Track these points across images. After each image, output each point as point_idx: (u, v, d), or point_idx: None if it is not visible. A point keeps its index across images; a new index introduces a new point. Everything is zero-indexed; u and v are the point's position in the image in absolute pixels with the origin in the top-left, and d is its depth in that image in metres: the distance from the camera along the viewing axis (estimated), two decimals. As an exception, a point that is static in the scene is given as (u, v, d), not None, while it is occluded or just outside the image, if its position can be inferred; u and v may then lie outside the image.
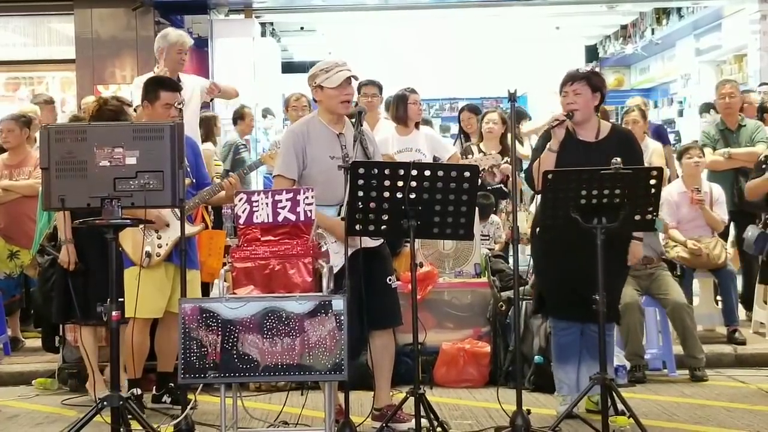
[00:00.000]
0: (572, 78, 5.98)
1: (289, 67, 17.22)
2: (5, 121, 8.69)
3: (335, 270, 5.60)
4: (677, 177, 8.63)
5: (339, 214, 5.61)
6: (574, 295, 5.73)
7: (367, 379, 6.41)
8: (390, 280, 5.92)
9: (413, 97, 8.45)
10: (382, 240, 5.91)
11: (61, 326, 7.32)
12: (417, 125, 8.50)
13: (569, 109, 5.88)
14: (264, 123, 13.14)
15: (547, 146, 5.82)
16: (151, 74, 7.72)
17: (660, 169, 5.51)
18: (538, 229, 5.96)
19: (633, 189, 5.39)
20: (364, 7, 13.53)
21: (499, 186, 8.82)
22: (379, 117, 8.72)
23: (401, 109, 8.39)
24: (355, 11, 13.95)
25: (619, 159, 5.40)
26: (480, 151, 8.85)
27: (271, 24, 15.08)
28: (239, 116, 10.92)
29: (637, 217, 5.49)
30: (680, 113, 16.35)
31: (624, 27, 17.08)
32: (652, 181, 5.41)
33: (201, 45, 11.84)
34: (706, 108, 10.56)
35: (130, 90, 10.66)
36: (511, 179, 8.66)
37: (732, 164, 8.80)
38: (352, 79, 5.87)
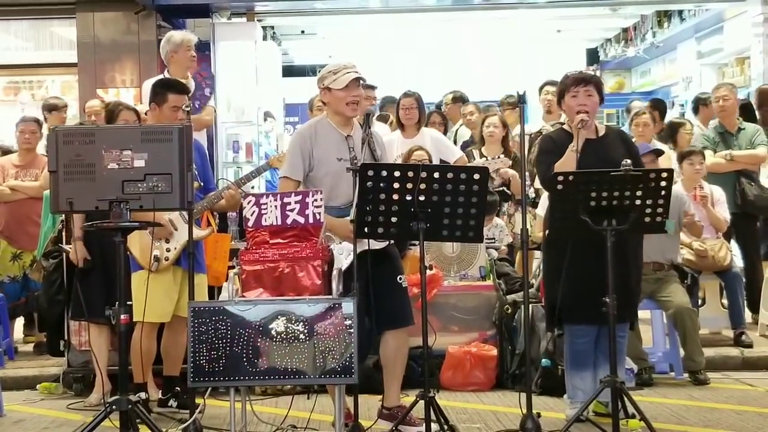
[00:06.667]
0: (585, 80, 6.03)
1: (289, 71, 17.19)
2: (27, 122, 8.70)
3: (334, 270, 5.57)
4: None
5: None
6: (591, 298, 5.62)
7: (374, 383, 6.39)
8: (400, 278, 5.86)
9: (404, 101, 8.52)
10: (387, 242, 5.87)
11: (65, 330, 7.30)
12: (419, 127, 8.49)
13: (583, 110, 5.89)
14: (265, 126, 13.11)
15: (570, 147, 5.80)
16: (160, 77, 7.71)
17: (670, 171, 5.50)
18: (548, 232, 5.93)
19: (643, 191, 5.38)
20: (365, 10, 13.51)
21: (501, 189, 8.78)
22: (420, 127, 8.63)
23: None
24: (356, 14, 13.94)
25: (629, 161, 5.41)
26: (481, 155, 8.82)
27: (272, 28, 15.06)
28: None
29: (647, 219, 5.47)
30: (682, 116, 16.31)
31: (625, 30, 17.05)
32: (662, 183, 5.40)
33: (203, 48, 11.78)
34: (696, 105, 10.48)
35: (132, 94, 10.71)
36: (512, 182, 8.66)
37: (733, 166, 8.79)
38: (360, 81, 5.84)
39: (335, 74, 5.79)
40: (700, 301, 8.31)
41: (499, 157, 8.55)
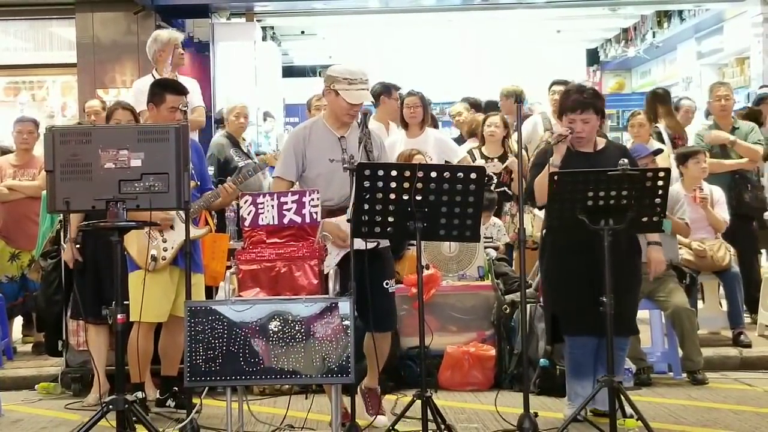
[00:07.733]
0: (582, 106, 5.87)
1: (289, 72, 17.23)
2: (25, 123, 8.70)
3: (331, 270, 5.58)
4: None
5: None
6: (589, 309, 5.55)
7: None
8: (387, 283, 5.84)
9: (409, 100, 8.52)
10: (377, 242, 5.83)
11: (64, 330, 7.30)
12: (422, 126, 8.47)
13: (579, 137, 5.85)
14: (265, 126, 13.14)
15: (550, 161, 5.77)
16: (149, 77, 7.70)
17: (667, 170, 5.49)
18: (544, 233, 5.92)
19: (640, 190, 5.38)
20: (364, 10, 13.53)
21: (503, 189, 8.78)
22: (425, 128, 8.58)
23: None
24: (356, 15, 13.97)
25: (626, 160, 5.40)
26: (482, 155, 8.81)
27: (272, 28, 15.09)
28: None
29: (645, 219, 5.47)
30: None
31: (625, 30, 17.08)
32: (659, 183, 5.39)
33: (202, 49, 11.83)
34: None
35: (128, 94, 10.71)
36: (515, 181, 8.65)
37: (726, 168, 8.78)
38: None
39: (350, 84, 5.74)
40: (698, 302, 8.31)
41: (492, 160, 8.55)
